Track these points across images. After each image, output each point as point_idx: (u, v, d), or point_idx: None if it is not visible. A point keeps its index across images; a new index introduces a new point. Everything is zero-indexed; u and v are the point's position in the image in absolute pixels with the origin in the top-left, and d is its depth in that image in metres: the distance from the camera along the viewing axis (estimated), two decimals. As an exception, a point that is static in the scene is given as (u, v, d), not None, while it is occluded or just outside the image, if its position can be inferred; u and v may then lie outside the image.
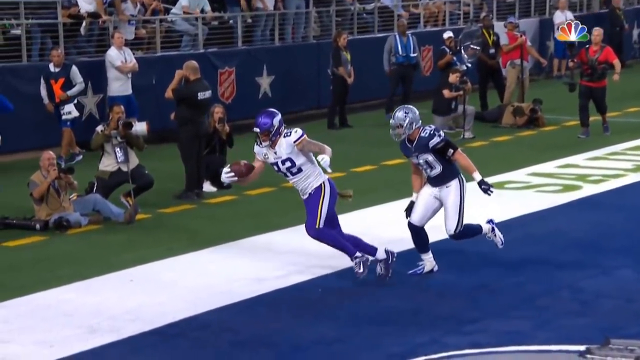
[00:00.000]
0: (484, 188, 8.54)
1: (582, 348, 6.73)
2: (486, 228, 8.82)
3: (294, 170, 8.34)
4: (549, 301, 7.99)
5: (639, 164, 13.56)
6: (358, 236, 8.66)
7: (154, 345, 7.19)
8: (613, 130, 15.87)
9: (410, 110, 8.54)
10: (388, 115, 15.71)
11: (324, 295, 8.25)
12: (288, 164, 8.31)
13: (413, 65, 17.92)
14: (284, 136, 8.28)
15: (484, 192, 8.56)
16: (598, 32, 15.67)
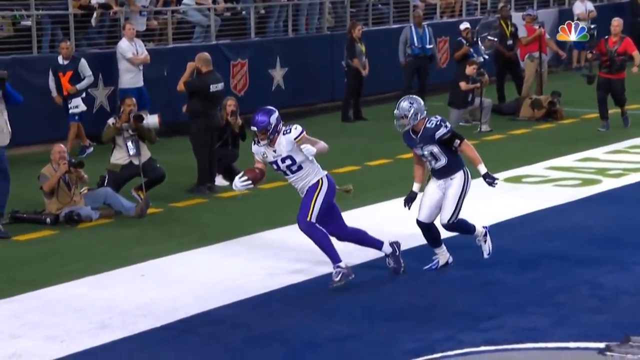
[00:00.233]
0: (489, 181, 8.47)
1: (602, 345, 6.72)
2: (479, 231, 8.68)
3: (293, 168, 8.23)
4: (568, 297, 7.91)
5: (660, 158, 13.48)
6: (364, 229, 8.56)
7: (165, 341, 7.15)
8: (633, 122, 15.71)
9: (415, 100, 8.44)
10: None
11: (338, 291, 8.16)
12: (288, 161, 8.20)
13: (429, 57, 17.81)
14: (283, 133, 8.18)
15: (489, 185, 8.49)
16: (618, 23, 15.44)
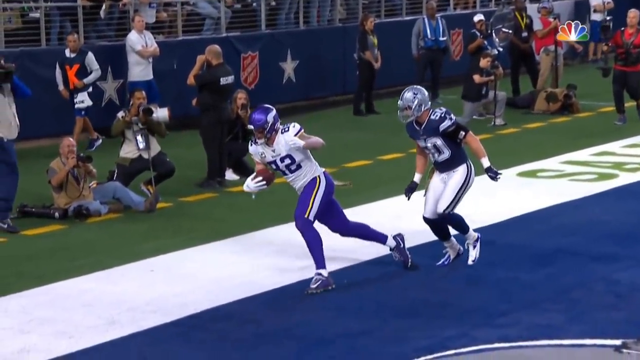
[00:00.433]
0: (491, 175, 8.38)
1: (618, 342, 6.69)
2: (472, 235, 8.55)
3: (292, 167, 8.14)
4: (583, 294, 7.84)
5: (678, 152, 13.42)
6: (367, 224, 8.52)
7: (174, 337, 7.11)
8: (650, 116, 15.62)
9: (419, 91, 8.34)
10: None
11: (349, 286, 8.12)
12: (287, 160, 8.11)
13: (442, 49, 17.75)
14: (282, 132, 8.08)
15: (491, 179, 8.40)
16: (634, 14, 15.25)
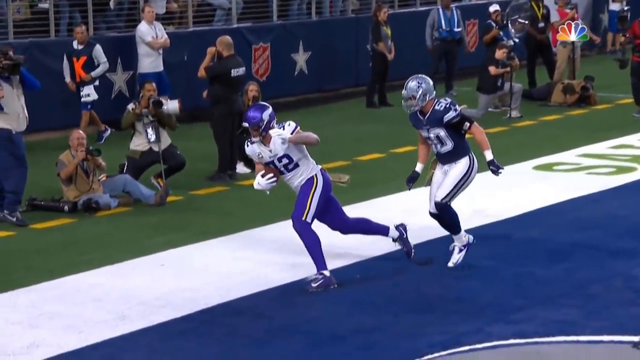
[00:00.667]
0: (493, 169, 8.27)
1: (636, 339, 6.65)
2: (463, 237, 8.39)
3: (290, 166, 8.06)
4: (601, 289, 7.77)
5: (698, 144, 13.33)
6: (367, 218, 8.50)
7: (184, 332, 7.07)
8: (669, 108, 15.52)
9: (423, 80, 8.25)
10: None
11: (361, 282, 8.07)
12: (285, 160, 8.03)
13: (457, 40, 17.64)
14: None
15: (493, 173, 8.29)
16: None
